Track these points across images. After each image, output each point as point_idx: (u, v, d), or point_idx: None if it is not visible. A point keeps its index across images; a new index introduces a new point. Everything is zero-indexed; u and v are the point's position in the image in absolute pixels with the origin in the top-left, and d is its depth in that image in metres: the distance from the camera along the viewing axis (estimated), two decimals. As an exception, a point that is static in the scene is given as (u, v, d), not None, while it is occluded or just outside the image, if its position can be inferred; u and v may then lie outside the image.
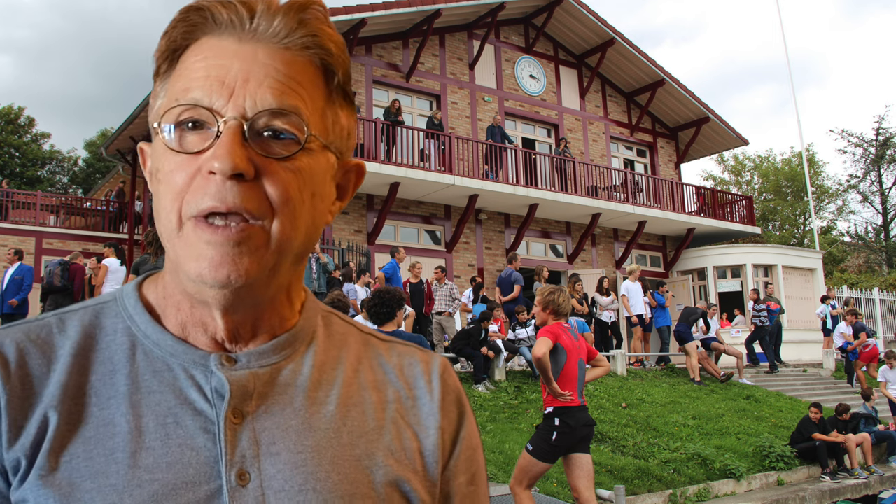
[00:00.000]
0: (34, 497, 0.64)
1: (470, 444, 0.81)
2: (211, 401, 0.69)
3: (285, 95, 0.67)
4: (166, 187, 0.67)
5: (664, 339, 14.65)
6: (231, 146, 0.64)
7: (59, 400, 0.67)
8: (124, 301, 0.75)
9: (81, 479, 0.64)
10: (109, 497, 0.63)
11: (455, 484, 0.79)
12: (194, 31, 0.69)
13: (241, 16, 0.68)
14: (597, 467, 7.89)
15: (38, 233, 19.04)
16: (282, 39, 0.68)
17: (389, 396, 0.77)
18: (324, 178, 0.72)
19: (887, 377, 12.61)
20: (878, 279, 31.35)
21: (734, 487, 8.91)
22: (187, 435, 0.67)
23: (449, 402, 0.80)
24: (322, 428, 0.71)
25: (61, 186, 38.05)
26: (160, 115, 0.69)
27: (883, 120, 47.26)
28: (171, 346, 0.71)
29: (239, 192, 0.64)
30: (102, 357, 0.71)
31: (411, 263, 12.33)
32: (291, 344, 0.75)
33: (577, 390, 5.14)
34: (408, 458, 0.74)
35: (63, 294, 10.46)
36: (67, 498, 0.63)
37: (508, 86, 19.31)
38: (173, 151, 0.67)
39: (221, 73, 0.66)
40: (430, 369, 0.81)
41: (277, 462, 0.68)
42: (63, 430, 0.66)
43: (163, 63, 0.72)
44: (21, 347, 0.69)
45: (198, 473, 0.65)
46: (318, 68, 0.71)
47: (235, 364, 0.71)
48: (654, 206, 19.51)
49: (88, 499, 0.63)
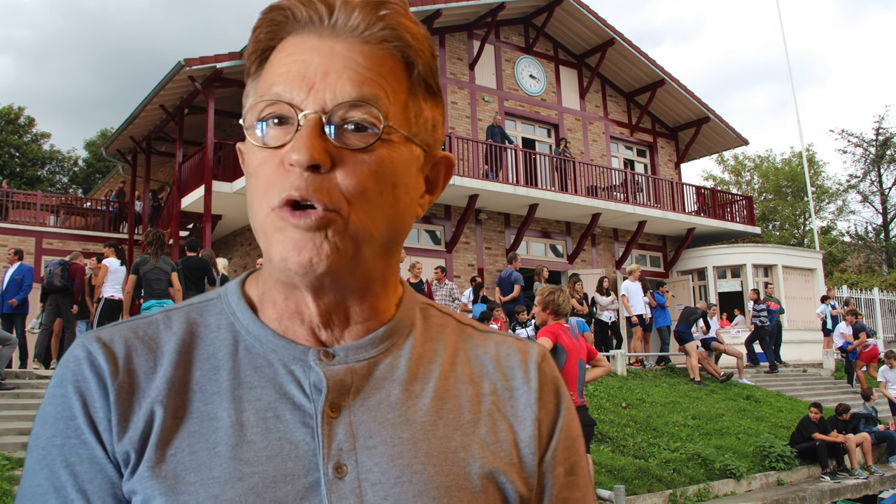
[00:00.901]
0: (142, 489, 0.66)
1: (568, 435, 0.80)
2: (309, 395, 0.71)
3: (364, 85, 0.68)
4: (256, 181, 0.70)
5: (664, 339, 14.65)
6: (308, 139, 0.66)
7: (165, 395, 0.69)
8: (228, 298, 0.78)
9: (186, 472, 0.66)
10: (212, 489, 0.65)
11: (553, 475, 0.78)
12: (278, 30, 0.72)
13: (320, 12, 0.70)
14: (597, 467, 7.90)
15: (38, 233, 19.05)
16: (361, 33, 0.70)
17: (485, 389, 0.78)
18: (407, 170, 0.73)
19: (887, 377, 12.62)
20: (878, 279, 31.36)
21: (734, 487, 8.91)
22: (287, 429, 0.69)
23: (546, 393, 0.80)
24: (418, 421, 0.72)
25: (61, 186, 38.06)
26: (247, 113, 0.72)
27: (883, 120, 47.38)
28: (271, 342, 0.73)
29: (312, 182, 0.66)
30: (206, 353, 0.73)
31: (411, 263, 12.33)
32: (389, 337, 0.76)
33: (577, 390, 5.14)
34: (503, 451, 0.75)
35: (63, 294, 10.46)
36: (173, 490, 0.65)
37: (508, 86, 19.31)
38: (260, 147, 0.70)
39: (302, 68, 0.69)
40: (528, 359, 0.81)
41: (374, 455, 0.69)
42: (169, 423, 0.68)
43: (252, 64, 0.74)
44: (129, 344, 0.72)
45: (297, 466, 0.67)
46: (399, 61, 0.72)
47: (333, 359, 0.73)
48: (654, 206, 19.51)
49: (192, 491, 0.65)
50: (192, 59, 14.60)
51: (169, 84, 15.68)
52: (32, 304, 11.07)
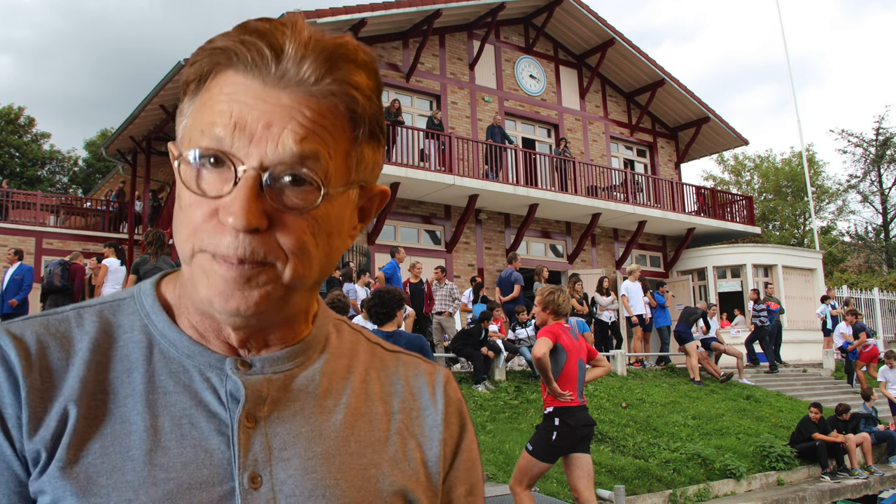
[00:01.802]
0: (52, 489, 0.65)
1: (469, 456, 0.83)
2: (225, 404, 0.70)
3: (306, 141, 0.66)
4: (185, 218, 0.68)
5: (664, 339, 14.65)
6: (246, 202, 0.64)
7: (79, 395, 0.68)
8: (142, 299, 0.76)
9: (98, 475, 0.65)
10: (125, 493, 0.64)
11: (454, 494, 0.81)
12: (219, 66, 0.69)
13: (266, 58, 0.67)
14: (597, 467, 7.89)
15: (38, 233, 19.04)
16: (309, 87, 0.67)
17: (395, 407, 0.79)
18: (342, 216, 0.72)
19: (887, 377, 12.62)
20: (878, 279, 31.35)
21: (734, 487, 8.91)
22: (202, 436, 0.68)
23: (451, 414, 0.82)
24: (331, 436, 0.73)
25: (61, 186, 38.06)
26: (184, 143, 0.70)
27: (883, 120, 47.34)
28: (187, 348, 0.72)
29: (251, 244, 0.65)
30: (120, 354, 0.72)
31: (411, 263, 12.33)
32: (304, 352, 0.76)
33: (577, 390, 5.14)
34: (412, 469, 0.76)
35: (63, 294, 10.46)
36: (84, 492, 0.64)
37: (508, 86, 19.31)
38: (192, 191, 0.68)
39: (244, 112, 0.66)
40: (434, 381, 0.83)
41: (288, 467, 0.69)
42: (82, 424, 0.67)
43: (191, 83, 0.71)
44: (41, 340, 0.70)
45: (211, 474, 0.67)
46: (345, 113, 0.70)
47: (250, 369, 0.72)
48: (654, 206, 19.52)
49: (104, 493, 0.64)
50: (192, 59, 14.57)
51: (169, 84, 15.69)
52: (32, 304, 11.07)
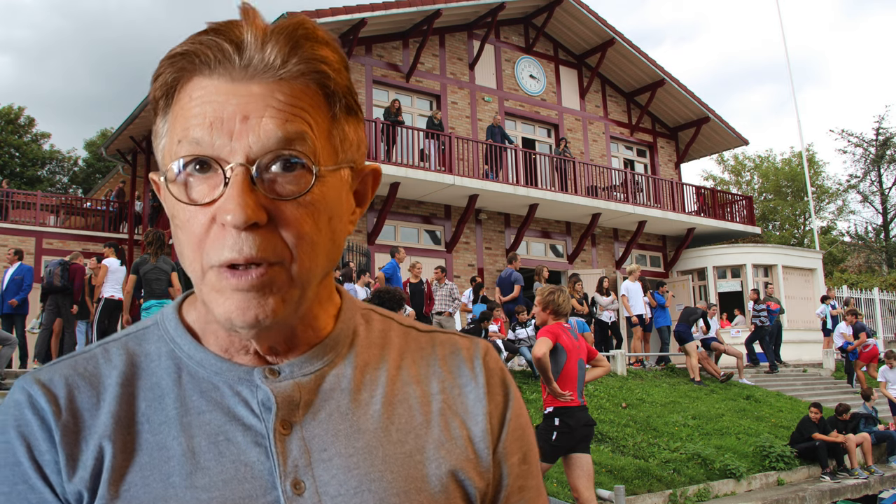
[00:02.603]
0: None
1: (518, 424, 0.81)
2: (259, 414, 0.70)
3: (288, 123, 0.65)
4: (186, 236, 0.68)
5: (664, 339, 14.65)
6: (240, 197, 0.63)
7: (112, 430, 0.68)
8: (165, 324, 0.76)
9: None
10: None
11: (508, 464, 0.79)
12: (184, 73, 0.68)
13: (227, 54, 0.66)
14: (597, 467, 7.89)
15: (38, 233, 19.04)
16: (277, 71, 0.66)
17: (434, 388, 0.78)
18: (339, 198, 0.72)
19: (887, 377, 12.61)
20: (878, 279, 31.35)
21: (734, 487, 8.91)
22: (239, 451, 0.68)
23: (494, 385, 0.80)
24: (370, 428, 0.72)
25: (61, 186, 38.05)
26: (166, 161, 0.69)
27: (883, 120, 47.25)
28: (214, 365, 0.72)
29: (254, 242, 0.64)
30: (149, 383, 0.72)
31: (411, 263, 12.33)
32: (332, 349, 0.76)
33: (577, 390, 5.14)
34: (458, 448, 0.75)
35: (63, 294, 10.45)
36: None
37: (508, 86, 19.31)
38: (186, 204, 0.67)
39: (218, 110, 0.65)
40: (473, 355, 0.81)
41: (330, 467, 0.69)
42: (119, 459, 0.67)
43: (159, 101, 0.71)
44: (70, 382, 0.70)
45: (254, 487, 0.67)
46: (318, 91, 0.69)
47: (279, 376, 0.72)
48: (654, 206, 19.52)
49: None
50: (192, 59, 14.58)
51: (169, 84, 15.66)
52: (32, 304, 11.07)
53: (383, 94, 17.15)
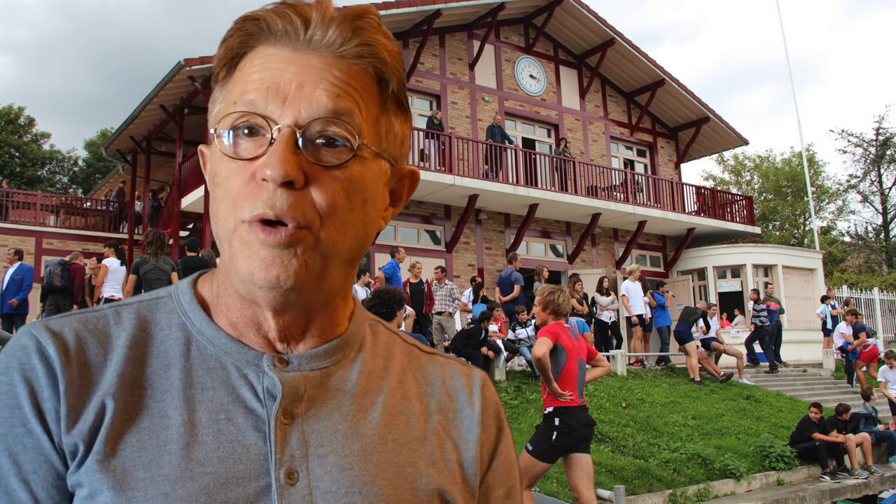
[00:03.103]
0: (89, 482, 0.65)
1: (507, 459, 0.82)
2: (262, 400, 0.71)
3: (340, 98, 0.68)
4: (224, 192, 0.69)
5: (664, 339, 14.65)
6: (283, 154, 0.65)
7: (117, 389, 0.69)
8: (179, 297, 0.77)
9: (135, 468, 0.65)
10: (162, 487, 0.65)
11: (492, 496, 0.80)
12: (250, 39, 0.71)
13: (295, 25, 0.69)
14: (597, 467, 7.89)
15: (38, 233, 19.04)
16: (336, 49, 0.70)
17: (432, 408, 0.79)
18: (376, 186, 0.73)
19: (887, 377, 12.62)
20: (878, 279, 31.35)
21: (734, 487, 8.91)
22: (239, 432, 0.69)
23: (489, 416, 0.82)
24: (368, 434, 0.73)
25: (61, 186, 38.06)
26: (218, 120, 0.71)
27: (883, 120, 47.30)
28: (224, 345, 0.73)
29: (287, 200, 0.66)
30: (158, 351, 0.72)
31: (411, 263, 12.33)
32: (342, 349, 0.77)
33: (577, 390, 5.14)
34: (448, 469, 0.76)
35: (63, 294, 10.46)
36: (121, 485, 0.65)
37: (508, 86, 19.31)
38: (229, 157, 0.69)
39: (276, 76, 0.68)
40: (472, 383, 0.83)
41: (325, 464, 0.69)
42: (119, 418, 0.67)
43: (221, 70, 0.73)
44: (80, 336, 0.70)
45: (248, 470, 0.67)
46: (373, 77, 0.72)
47: (287, 366, 0.73)
48: (654, 206, 19.52)
49: (142, 487, 0.65)
50: (192, 59, 14.60)
51: (169, 84, 15.68)
52: (32, 304, 11.07)
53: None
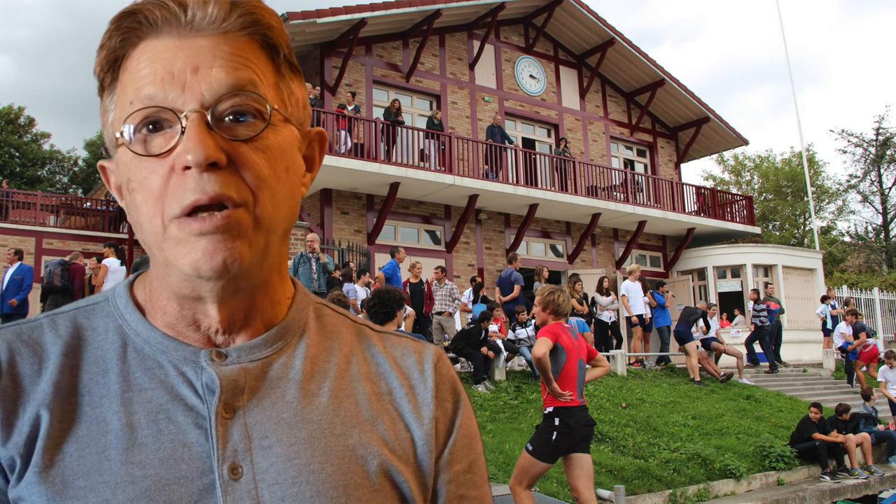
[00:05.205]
0: (29, 494, 0.64)
1: (467, 433, 0.81)
2: (202, 396, 0.69)
3: (238, 71, 0.67)
4: (144, 194, 0.67)
5: (664, 339, 14.65)
6: (199, 137, 0.64)
7: (52, 398, 0.67)
8: (116, 301, 0.76)
9: (74, 477, 0.64)
10: (102, 494, 0.63)
11: (451, 471, 0.78)
12: (131, 36, 0.69)
13: (174, 11, 0.68)
14: (597, 467, 7.89)
15: (38, 233, 19.03)
16: (220, 25, 0.68)
17: (383, 388, 0.78)
18: (292, 152, 0.73)
19: (887, 377, 12.62)
20: (878, 279, 31.35)
21: (734, 487, 8.91)
22: (179, 430, 0.67)
23: (444, 391, 0.80)
24: (315, 420, 0.71)
25: (61, 186, 38.05)
26: (118, 125, 0.69)
27: (883, 120, 47.22)
28: (161, 344, 0.72)
29: (217, 181, 0.65)
30: (94, 356, 0.71)
31: (411, 263, 12.33)
32: (282, 337, 0.75)
33: (577, 390, 5.13)
34: (401, 449, 0.75)
35: (63, 294, 10.46)
36: (61, 495, 0.63)
37: (508, 86, 19.31)
38: (141, 157, 0.67)
39: (168, 66, 0.66)
40: (423, 359, 0.81)
41: (270, 455, 0.68)
42: (56, 428, 0.66)
43: (105, 76, 0.71)
44: (12, 348, 0.70)
45: (190, 468, 0.66)
46: (262, 45, 0.71)
47: (226, 359, 0.71)
48: (654, 206, 19.52)
49: (82, 496, 0.63)
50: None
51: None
52: (32, 304, 11.07)
53: (383, 94, 17.15)
